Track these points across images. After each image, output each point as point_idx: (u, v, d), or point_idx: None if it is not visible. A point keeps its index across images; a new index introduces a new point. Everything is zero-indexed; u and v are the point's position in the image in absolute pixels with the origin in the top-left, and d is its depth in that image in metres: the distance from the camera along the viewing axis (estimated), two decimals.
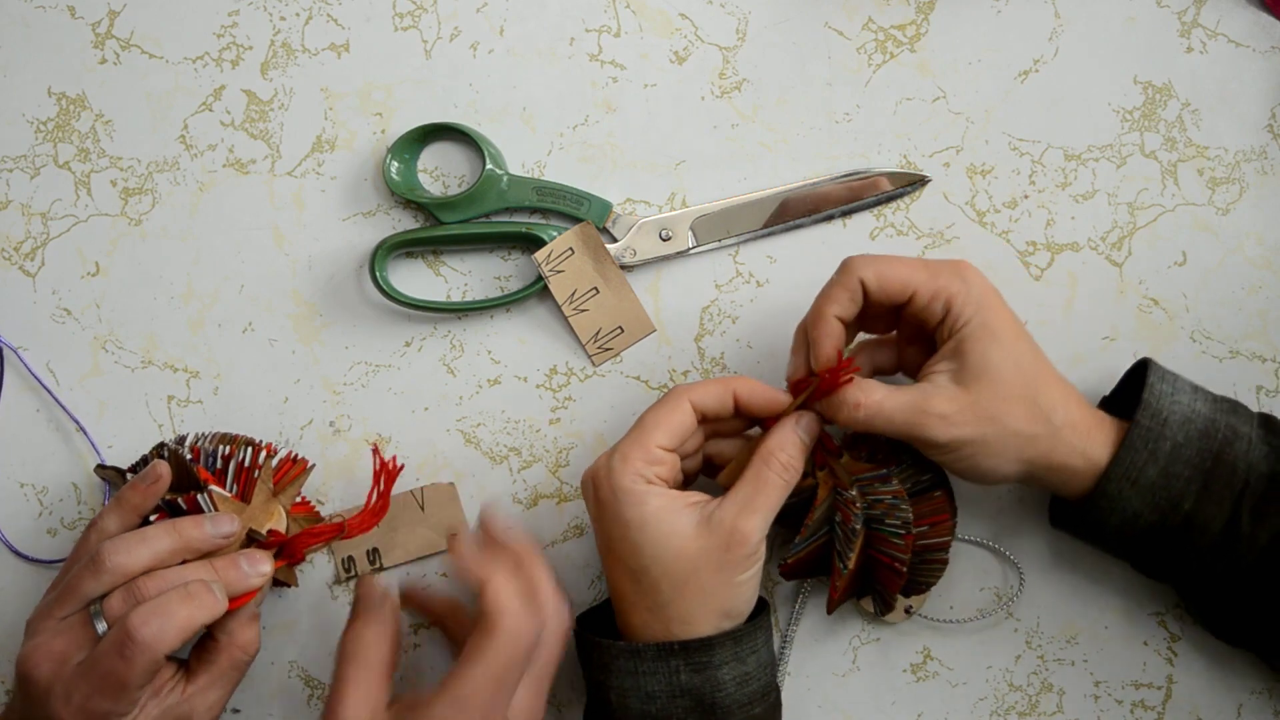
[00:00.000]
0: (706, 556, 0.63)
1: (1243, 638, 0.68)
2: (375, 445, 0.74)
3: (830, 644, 0.74)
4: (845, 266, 0.66)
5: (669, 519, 0.64)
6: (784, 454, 0.66)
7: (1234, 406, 0.66)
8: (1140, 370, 0.68)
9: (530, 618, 0.62)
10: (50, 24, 0.77)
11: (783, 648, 0.73)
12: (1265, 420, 0.66)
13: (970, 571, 0.73)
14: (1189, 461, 0.63)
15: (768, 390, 0.67)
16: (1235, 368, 0.74)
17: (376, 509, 0.69)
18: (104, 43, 0.77)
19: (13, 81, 0.77)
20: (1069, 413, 0.65)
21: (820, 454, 0.68)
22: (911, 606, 0.71)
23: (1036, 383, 0.64)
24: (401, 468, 0.71)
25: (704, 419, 0.67)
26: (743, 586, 0.64)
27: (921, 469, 0.69)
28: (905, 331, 0.69)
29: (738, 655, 0.65)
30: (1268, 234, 0.74)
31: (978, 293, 0.65)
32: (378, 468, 0.69)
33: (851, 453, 0.69)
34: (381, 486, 0.69)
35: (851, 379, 0.65)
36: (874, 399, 0.64)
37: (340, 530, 0.69)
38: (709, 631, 0.64)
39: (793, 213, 0.75)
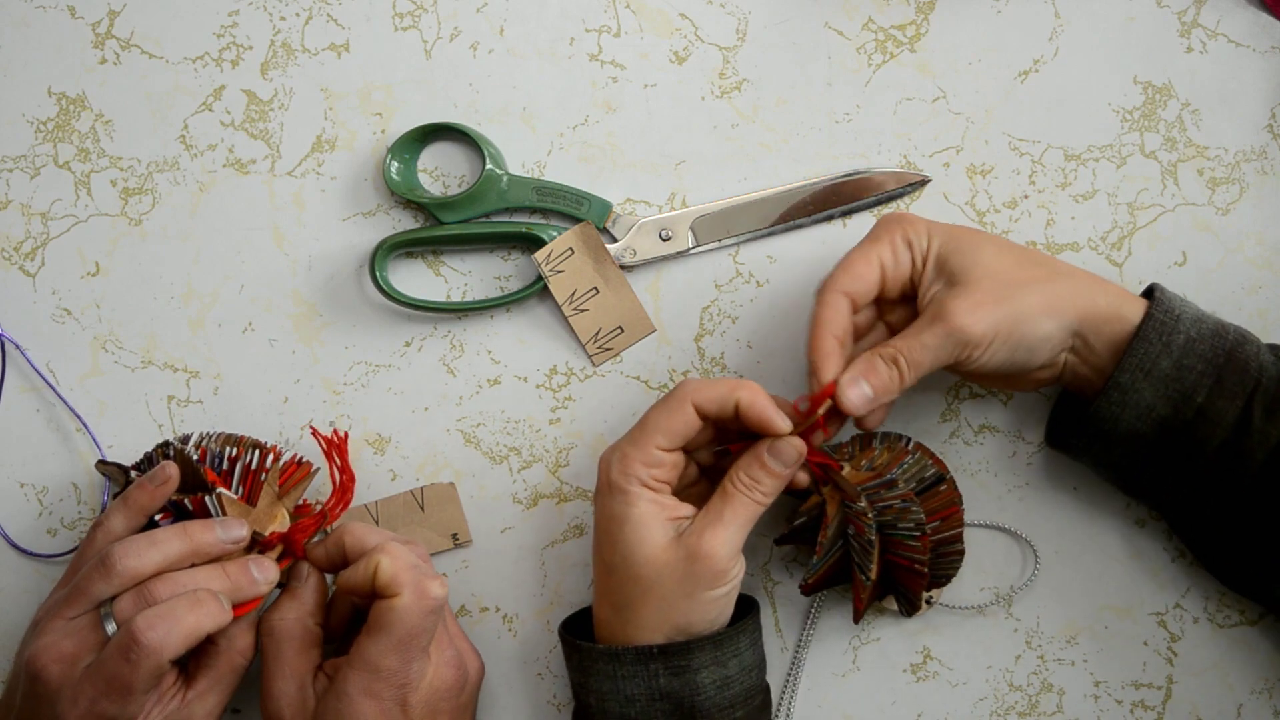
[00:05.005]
0: (672, 569, 0.64)
1: (1236, 566, 0.68)
2: (312, 427, 0.74)
3: (830, 644, 0.74)
4: (823, 292, 0.66)
5: (648, 524, 0.65)
6: (744, 473, 0.66)
7: (1239, 327, 0.66)
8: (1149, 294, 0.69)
9: (428, 583, 0.65)
10: (50, 24, 0.77)
11: (797, 650, 0.73)
12: (1271, 345, 0.67)
13: (970, 563, 0.73)
14: (1202, 355, 0.64)
15: (768, 408, 0.65)
16: None
17: (345, 484, 0.71)
18: (104, 43, 0.77)
19: (13, 81, 0.77)
20: (1071, 269, 0.67)
21: (822, 471, 0.67)
22: (932, 598, 0.71)
23: (1023, 250, 0.67)
24: (346, 435, 0.72)
25: (708, 419, 0.67)
26: (708, 604, 0.65)
27: (924, 465, 0.69)
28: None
29: (718, 659, 0.65)
30: (1268, 234, 0.74)
31: (924, 223, 0.67)
32: (324, 446, 0.71)
33: (852, 464, 0.69)
34: (339, 461, 0.71)
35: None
36: (901, 348, 0.65)
37: (322, 517, 0.70)
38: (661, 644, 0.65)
39: (793, 213, 0.75)
